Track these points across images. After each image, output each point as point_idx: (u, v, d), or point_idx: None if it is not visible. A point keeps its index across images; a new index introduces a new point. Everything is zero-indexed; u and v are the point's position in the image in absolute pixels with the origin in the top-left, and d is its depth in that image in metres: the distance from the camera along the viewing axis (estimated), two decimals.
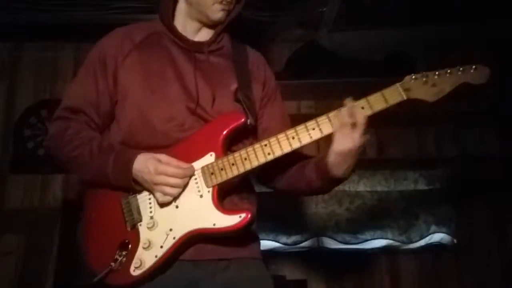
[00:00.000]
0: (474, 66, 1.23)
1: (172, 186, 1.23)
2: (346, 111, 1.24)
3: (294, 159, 1.40)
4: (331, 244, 3.00)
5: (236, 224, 1.22)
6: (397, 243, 3.01)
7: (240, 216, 1.23)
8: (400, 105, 1.26)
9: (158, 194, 1.25)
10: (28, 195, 2.95)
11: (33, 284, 2.76)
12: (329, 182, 1.33)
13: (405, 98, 1.24)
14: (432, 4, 2.64)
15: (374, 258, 3.00)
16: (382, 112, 1.27)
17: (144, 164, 1.24)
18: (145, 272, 1.24)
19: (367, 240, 3.00)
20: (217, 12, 1.39)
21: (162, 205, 1.28)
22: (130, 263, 1.25)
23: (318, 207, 3.03)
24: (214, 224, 1.23)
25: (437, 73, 1.24)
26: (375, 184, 3.09)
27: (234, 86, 1.40)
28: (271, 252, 2.96)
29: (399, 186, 3.10)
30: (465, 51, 3.08)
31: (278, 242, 2.97)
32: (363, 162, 3.10)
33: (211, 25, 1.44)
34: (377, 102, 1.25)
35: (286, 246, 2.98)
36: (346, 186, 3.07)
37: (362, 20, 2.81)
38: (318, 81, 2.93)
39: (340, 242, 2.99)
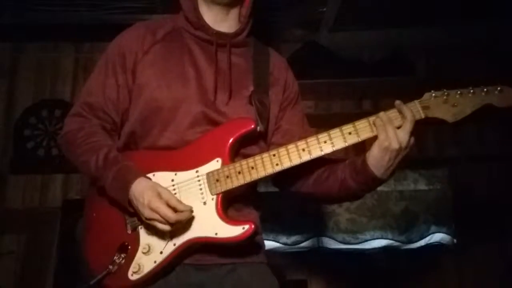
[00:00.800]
0: (499, 88, 1.16)
1: (163, 223, 1.17)
2: (390, 116, 1.19)
3: (323, 160, 1.31)
4: (331, 244, 3.00)
5: (238, 236, 1.20)
6: (397, 243, 3.00)
7: (243, 228, 1.20)
8: None
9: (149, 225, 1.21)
10: (28, 195, 2.95)
11: (33, 284, 2.76)
12: (363, 182, 1.26)
13: (423, 116, 1.18)
14: (432, 4, 2.64)
15: (374, 258, 3.00)
16: None
17: (141, 193, 1.18)
18: (143, 277, 1.22)
19: (367, 240, 3.00)
20: None
21: None
22: (129, 267, 1.23)
23: (318, 207, 3.03)
24: (216, 234, 1.21)
25: (459, 92, 1.17)
26: None
27: (250, 89, 1.36)
28: (271, 252, 2.96)
29: (399, 186, 3.09)
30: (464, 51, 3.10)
31: (278, 242, 2.97)
32: None
33: (224, 4, 1.38)
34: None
35: (286, 246, 2.98)
36: None
37: (362, 20, 2.81)
38: (318, 81, 2.93)
39: (340, 242, 2.99)
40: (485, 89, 1.17)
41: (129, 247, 1.25)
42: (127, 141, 1.36)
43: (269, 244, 2.97)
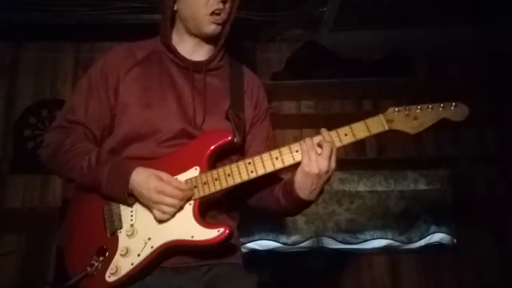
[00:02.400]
0: (454, 104, 1.27)
1: (169, 205, 1.25)
2: (315, 142, 1.26)
3: (269, 178, 1.39)
4: (331, 244, 3.01)
5: (214, 238, 1.23)
6: (397, 243, 3.01)
7: (218, 231, 1.24)
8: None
9: (155, 212, 1.26)
10: (28, 195, 2.95)
11: (33, 284, 2.76)
12: (293, 203, 1.33)
13: (386, 128, 1.28)
14: (432, 4, 2.64)
15: (374, 258, 3.00)
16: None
17: (145, 179, 1.25)
18: (120, 279, 1.24)
19: (367, 240, 3.00)
20: (209, 25, 1.40)
21: (144, 214, 1.29)
22: (106, 269, 1.26)
23: (318, 207, 3.03)
24: (192, 236, 1.25)
25: (419, 107, 1.29)
26: (375, 184, 3.10)
27: (226, 106, 1.44)
28: (271, 252, 2.97)
29: (399, 186, 3.10)
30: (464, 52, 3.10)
31: (278, 242, 2.97)
32: (363, 162, 3.11)
33: (207, 39, 1.47)
34: (360, 130, 1.29)
35: (286, 246, 2.98)
36: (346, 186, 3.08)
37: (362, 20, 2.81)
38: (318, 81, 2.93)
39: (340, 242, 2.99)
40: (441, 105, 1.28)
41: (108, 250, 1.28)
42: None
43: (269, 244, 2.97)
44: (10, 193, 2.94)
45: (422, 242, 3.01)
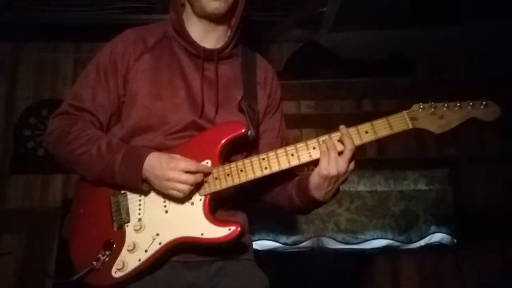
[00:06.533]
0: (484, 102, 1.20)
1: (183, 182, 1.19)
2: (337, 139, 1.22)
3: (283, 173, 1.33)
4: (331, 244, 3.01)
5: (224, 237, 1.20)
6: (397, 243, 3.01)
7: (229, 229, 1.20)
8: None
9: (170, 191, 1.21)
10: (28, 195, 2.95)
11: (33, 284, 2.76)
12: (307, 202, 1.31)
13: (410, 127, 1.21)
14: (432, 4, 2.64)
15: (374, 258, 3.00)
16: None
17: (157, 159, 1.21)
18: (126, 274, 1.22)
19: (367, 240, 3.00)
20: (210, 2, 1.32)
21: (152, 208, 1.26)
22: (113, 264, 1.23)
23: None
24: (202, 234, 1.21)
25: (446, 105, 1.21)
26: (375, 184, 3.10)
27: (239, 97, 1.38)
28: (271, 252, 2.96)
29: (399, 186, 3.10)
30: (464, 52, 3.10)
31: (278, 242, 2.97)
32: (363, 162, 3.11)
33: (215, 21, 1.39)
34: (381, 128, 1.22)
35: (286, 246, 2.98)
36: (346, 186, 3.07)
37: (362, 20, 2.81)
38: (318, 81, 2.93)
39: (340, 242, 2.99)
40: (471, 103, 1.20)
41: (114, 244, 1.25)
42: None
43: (269, 244, 2.97)
44: (10, 193, 2.95)
45: (422, 242, 3.01)
